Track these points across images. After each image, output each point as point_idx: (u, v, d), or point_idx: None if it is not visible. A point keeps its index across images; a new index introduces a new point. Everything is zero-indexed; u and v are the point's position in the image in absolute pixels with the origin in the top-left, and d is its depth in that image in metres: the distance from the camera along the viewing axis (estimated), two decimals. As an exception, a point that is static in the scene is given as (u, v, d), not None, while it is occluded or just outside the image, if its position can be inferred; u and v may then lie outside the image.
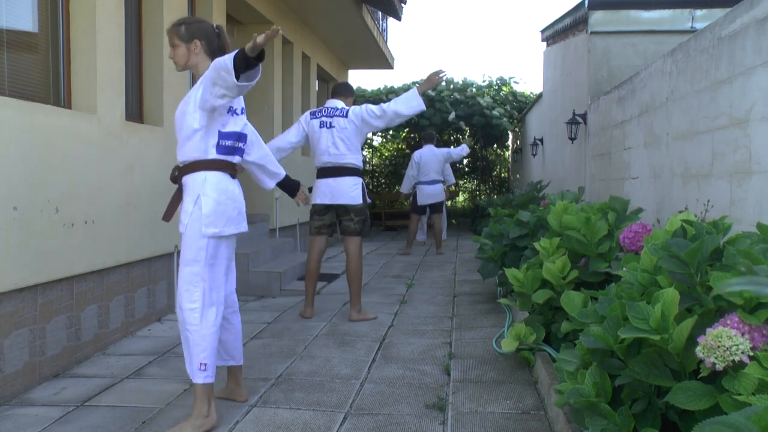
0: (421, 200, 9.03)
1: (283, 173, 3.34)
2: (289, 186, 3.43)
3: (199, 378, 2.66)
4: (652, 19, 6.66)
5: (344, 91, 4.90)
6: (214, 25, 2.85)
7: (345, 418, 2.82)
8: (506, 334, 3.60)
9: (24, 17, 3.57)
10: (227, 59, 2.44)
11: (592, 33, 6.81)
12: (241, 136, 2.86)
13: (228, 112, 2.78)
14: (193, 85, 2.81)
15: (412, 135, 14.65)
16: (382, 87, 13.96)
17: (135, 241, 4.19)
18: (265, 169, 3.24)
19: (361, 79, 54.89)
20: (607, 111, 6.15)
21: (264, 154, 3.22)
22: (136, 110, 4.59)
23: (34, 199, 3.21)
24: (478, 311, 4.99)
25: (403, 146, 15.43)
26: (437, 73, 4.44)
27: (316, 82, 9.76)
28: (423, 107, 4.52)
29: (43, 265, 3.28)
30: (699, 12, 6.53)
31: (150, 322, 4.50)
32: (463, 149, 9.24)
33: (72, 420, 2.81)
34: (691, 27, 6.44)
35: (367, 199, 4.76)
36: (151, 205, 4.38)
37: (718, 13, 6.23)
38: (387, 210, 13.69)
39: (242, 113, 2.88)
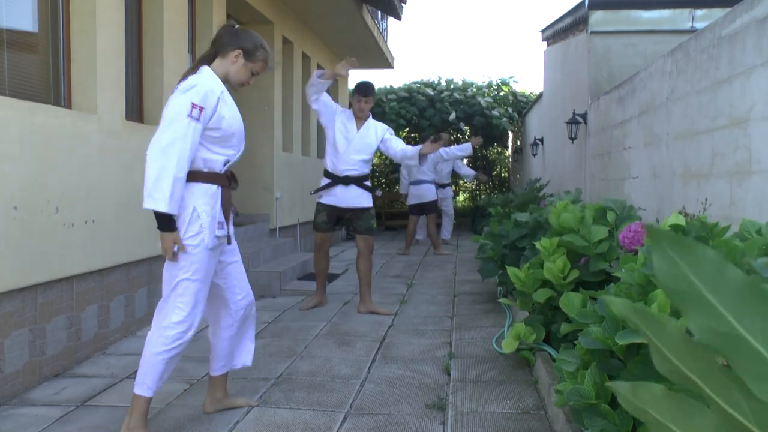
0: (409, 200, 9.11)
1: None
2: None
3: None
4: (652, 19, 6.66)
5: None
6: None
7: (345, 418, 2.82)
8: (506, 333, 3.60)
9: (24, 17, 3.57)
10: None
11: (592, 33, 6.81)
12: None
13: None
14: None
15: (412, 135, 14.64)
16: (382, 87, 13.96)
17: (135, 241, 4.19)
18: None
19: (361, 79, 54.80)
20: (607, 111, 6.15)
21: None
22: (136, 110, 4.59)
23: (34, 199, 3.21)
24: (478, 311, 4.99)
25: (404, 146, 15.42)
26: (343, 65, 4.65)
27: (317, 82, 9.74)
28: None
29: (43, 265, 3.29)
30: (699, 12, 6.53)
31: (150, 322, 4.49)
32: (463, 148, 9.13)
33: (72, 420, 2.81)
34: (691, 27, 6.44)
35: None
36: (151, 205, 4.38)
37: (718, 13, 6.22)
38: (387, 210, 13.67)
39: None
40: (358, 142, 4.91)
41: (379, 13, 10.28)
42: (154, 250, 4.48)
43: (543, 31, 9.82)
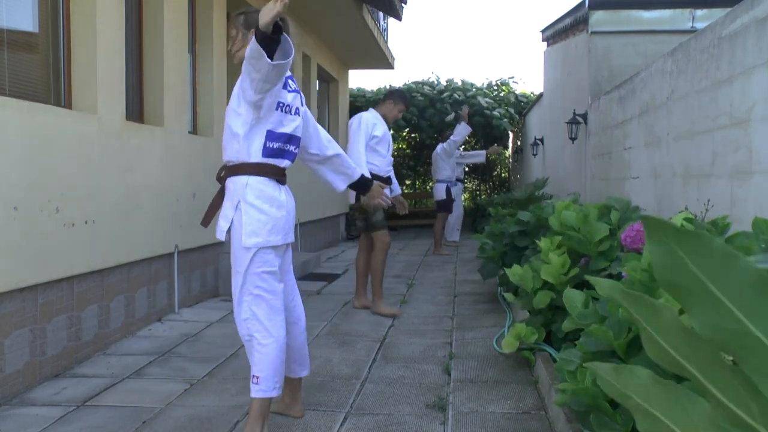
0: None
1: (355, 174, 3.05)
2: (360, 185, 3.12)
3: (252, 391, 2.53)
4: (652, 19, 6.66)
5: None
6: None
7: (345, 418, 2.82)
8: (506, 333, 3.60)
9: (24, 17, 3.57)
10: (252, 42, 2.27)
11: (592, 33, 6.81)
12: (292, 138, 2.65)
13: (279, 110, 2.58)
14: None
15: (413, 135, 14.64)
16: (382, 87, 13.96)
17: (135, 240, 4.19)
18: (333, 166, 3.01)
19: (361, 79, 54.86)
20: (607, 111, 6.15)
21: (327, 152, 2.98)
22: (136, 110, 4.59)
23: (34, 199, 3.21)
24: (478, 311, 4.99)
25: (404, 146, 15.42)
26: None
27: (317, 82, 9.75)
28: None
29: (44, 265, 3.28)
30: (699, 12, 6.53)
31: (150, 322, 4.50)
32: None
33: (72, 420, 2.81)
34: (692, 27, 6.44)
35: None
36: (151, 205, 4.38)
37: (718, 13, 6.22)
38: (388, 210, 13.66)
39: (296, 114, 2.68)
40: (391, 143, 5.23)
41: (380, 13, 10.28)
42: (155, 249, 4.48)
43: (543, 31, 9.83)
